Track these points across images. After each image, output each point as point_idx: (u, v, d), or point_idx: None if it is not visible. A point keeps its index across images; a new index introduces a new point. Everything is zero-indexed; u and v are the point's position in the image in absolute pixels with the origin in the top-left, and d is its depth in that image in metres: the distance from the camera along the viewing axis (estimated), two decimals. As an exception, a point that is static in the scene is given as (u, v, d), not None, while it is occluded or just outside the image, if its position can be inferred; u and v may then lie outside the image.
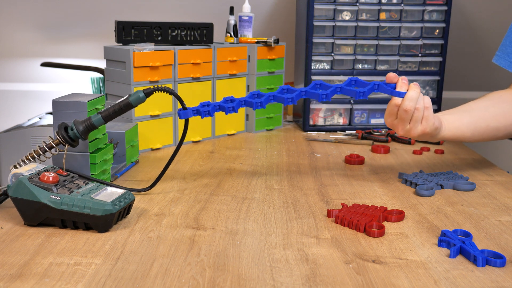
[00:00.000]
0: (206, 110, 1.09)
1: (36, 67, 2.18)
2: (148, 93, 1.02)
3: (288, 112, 1.97)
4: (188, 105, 1.51)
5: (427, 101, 1.11)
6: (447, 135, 1.18)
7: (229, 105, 1.11)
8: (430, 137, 1.14)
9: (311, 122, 1.74)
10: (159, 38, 1.50)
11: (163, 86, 1.04)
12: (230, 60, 1.60)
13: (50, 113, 1.96)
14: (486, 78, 2.27)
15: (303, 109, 1.73)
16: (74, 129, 0.99)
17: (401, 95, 1.09)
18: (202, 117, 1.10)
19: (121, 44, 1.47)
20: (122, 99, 1.02)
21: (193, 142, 1.55)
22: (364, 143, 1.58)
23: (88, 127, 1.00)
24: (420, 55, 1.75)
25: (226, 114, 1.12)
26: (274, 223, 0.95)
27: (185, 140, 1.53)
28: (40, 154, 1.01)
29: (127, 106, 1.01)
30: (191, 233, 0.90)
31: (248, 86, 1.67)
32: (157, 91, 1.03)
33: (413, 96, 1.08)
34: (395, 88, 1.11)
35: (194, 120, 1.53)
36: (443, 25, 1.73)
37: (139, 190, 1.10)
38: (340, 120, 1.75)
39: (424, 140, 1.39)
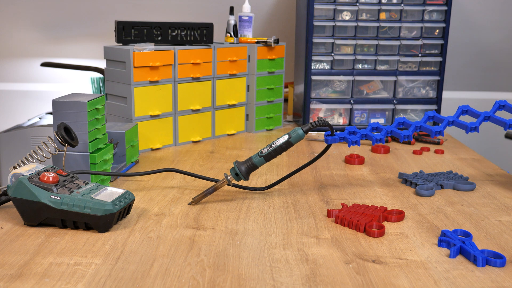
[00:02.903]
0: (354, 139, 1.10)
1: (36, 67, 2.18)
2: (307, 130, 1.05)
3: (288, 112, 1.97)
4: (187, 105, 1.52)
5: None
6: None
7: (378, 136, 1.10)
8: None
9: (311, 122, 1.74)
10: (159, 38, 1.50)
11: (316, 120, 1.07)
12: (230, 60, 1.60)
13: (50, 113, 1.96)
14: (486, 78, 2.27)
15: (303, 109, 1.73)
16: (239, 172, 1.03)
17: None
18: (349, 146, 1.11)
19: (121, 44, 1.47)
20: (283, 139, 1.05)
21: (193, 142, 1.55)
22: (364, 143, 1.58)
23: (250, 168, 1.04)
24: (420, 55, 1.75)
25: (373, 144, 1.13)
26: (274, 223, 0.95)
27: (185, 140, 1.53)
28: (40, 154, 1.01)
29: (288, 145, 1.05)
30: (191, 233, 0.90)
31: (248, 86, 1.67)
32: (314, 127, 1.06)
33: None
34: None
35: (194, 120, 1.53)
36: (443, 25, 1.73)
37: (255, 189, 1.12)
38: (340, 120, 1.75)
39: None
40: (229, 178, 1.04)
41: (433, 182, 1.16)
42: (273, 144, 1.04)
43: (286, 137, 1.04)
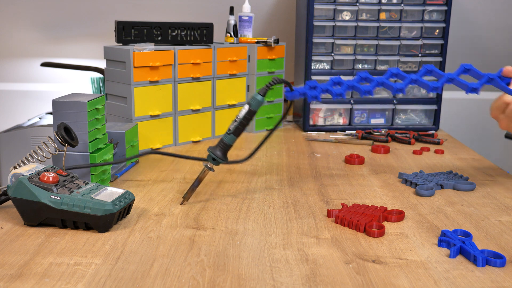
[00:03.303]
0: (314, 94, 1.08)
1: (36, 67, 2.18)
2: (264, 93, 1.04)
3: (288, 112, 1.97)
4: (187, 105, 1.52)
5: None
6: None
7: (338, 91, 1.08)
8: None
9: (311, 122, 1.74)
10: (159, 38, 1.50)
11: (272, 79, 1.05)
12: (230, 60, 1.60)
13: (50, 113, 1.96)
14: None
15: (303, 109, 1.73)
16: (215, 157, 1.03)
17: None
18: (309, 101, 1.09)
19: (121, 44, 1.47)
20: (245, 110, 1.04)
21: (193, 142, 1.55)
22: (364, 143, 1.58)
23: (225, 148, 1.04)
24: (420, 55, 1.75)
25: (333, 99, 1.10)
26: (274, 223, 0.95)
27: (185, 140, 1.53)
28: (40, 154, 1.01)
29: (251, 114, 1.04)
30: (191, 233, 0.90)
31: (248, 86, 1.67)
32: (270, 87, 1.04)
33: None
34: (510, 83, 1.08)
35: (194, 120, 1.53)
36: (443, 25, 1.73)
37: (236, 162, 1.12)
38: (340, 120, 1.75)
39: None
40: (208, 166, 1.04)
41: (433, 182, 1.16)
42: (237, 118, 1.03)
43: (247, 107, 1.03)
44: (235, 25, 1.69)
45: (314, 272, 0.76)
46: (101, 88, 1.93)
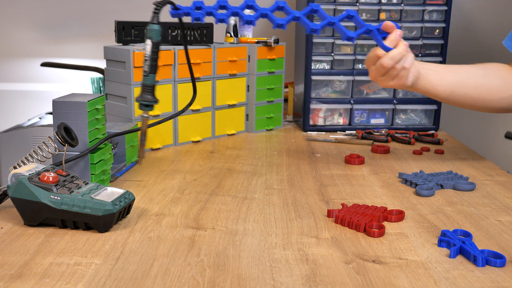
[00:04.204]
0: (197, 15, 1.07)
1: (36, 67, 2.18)
2: (157, 20, 1.01)
3: (288, 112, 1.97)
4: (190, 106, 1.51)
5: (408, 61, 1.12)
6: (420, 89, 1.20)
7: (221, 16, 1.07)
8: (398, 88, 1.18)
9: (311, 122, 1.74)
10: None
11: (154, 5, 1.02)
12: (230, 60, 1.60)
13: (50, 113, 1.96)
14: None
15: (303, 109, 1.73)
16: (147, 102, 1.02)
17: (386, 49, 1.09)
18: (192, 22, 1.08)
19: (121, 44, 1.47)
20: (149, 45, 1.01)
21: (193, 142, 1.55)
22: (364, 143, 1.58)
23: (150, 90, 1.03)
24: (420, 55, 1.74)
25: (216, 23, 1.10)
26: (274, 223, 0.95)
27: (185, 140, 1.53)
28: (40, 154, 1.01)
29: (156, 46, 1.02)
30: (191, 233, 0.90)
31: (248, 86, 1.67)
32: (158, 12, 1.01)
33: (395, 56, 1.10)
34: (386, 37, 1.11)
35: (194, 120, 1.53)
36: (443, 25, 1.73)
37: (171, 117, 1.13)
38: (340, 120, 1.75)
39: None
40: (145, 115, 1.05)
41: (433, 182, 1.16)
42: (147, 56, 1.02)
43: (149, 41, 1.01)
44: (235, 25, 1.69)
45: (314, 272, 0.76)
46: (101, 88, 1.93)
